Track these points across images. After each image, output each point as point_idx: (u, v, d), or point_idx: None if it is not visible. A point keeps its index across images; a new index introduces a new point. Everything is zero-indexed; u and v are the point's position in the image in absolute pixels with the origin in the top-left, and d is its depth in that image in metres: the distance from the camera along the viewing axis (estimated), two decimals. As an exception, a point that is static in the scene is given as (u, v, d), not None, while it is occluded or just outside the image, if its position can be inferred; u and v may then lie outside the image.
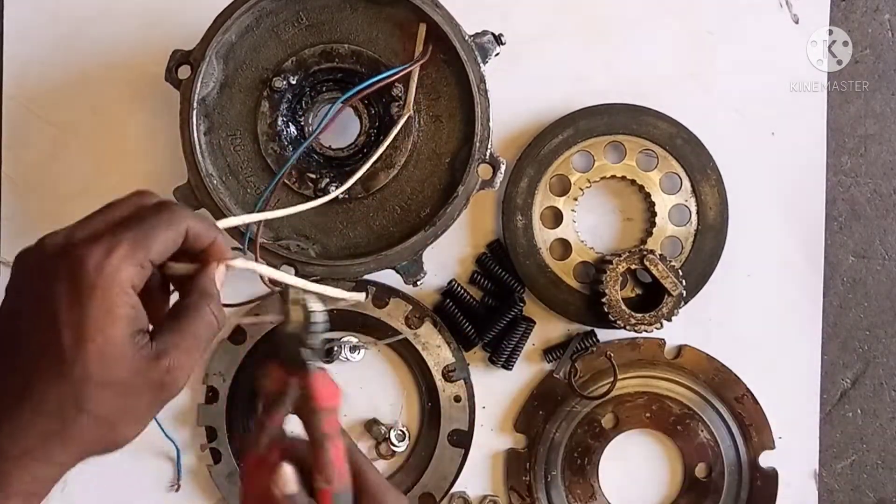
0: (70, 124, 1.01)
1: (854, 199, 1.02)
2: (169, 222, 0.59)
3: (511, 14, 0.99)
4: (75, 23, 1.00)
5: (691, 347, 1.00)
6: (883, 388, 1.03)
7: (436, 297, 1.00)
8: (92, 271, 0.55)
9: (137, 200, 0.61)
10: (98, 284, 0.55)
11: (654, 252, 0.93)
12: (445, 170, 0.90)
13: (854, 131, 1.02)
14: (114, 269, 0.55)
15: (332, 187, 0.89)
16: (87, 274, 0.55)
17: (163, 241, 0.58)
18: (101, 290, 0.55)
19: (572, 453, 0.99)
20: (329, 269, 0.88)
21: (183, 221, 0.60)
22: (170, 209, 0.60)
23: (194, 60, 0.87)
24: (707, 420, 0.99)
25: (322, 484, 0.63)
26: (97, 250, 0.56)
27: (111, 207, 0.61)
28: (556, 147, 0.97)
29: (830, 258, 1.02)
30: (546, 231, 0.98)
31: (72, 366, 0.55)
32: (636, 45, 1.01)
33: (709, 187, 0.98)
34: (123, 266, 0.56)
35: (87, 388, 0.56)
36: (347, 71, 0.90)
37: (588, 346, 0.99)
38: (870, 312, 1.03)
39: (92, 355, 0.55)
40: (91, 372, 0.55)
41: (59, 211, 1.00)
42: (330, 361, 0.99)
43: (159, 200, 0.62)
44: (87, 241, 0.57)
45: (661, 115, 0.97)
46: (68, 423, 0.56)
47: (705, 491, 1.00)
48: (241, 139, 0.90)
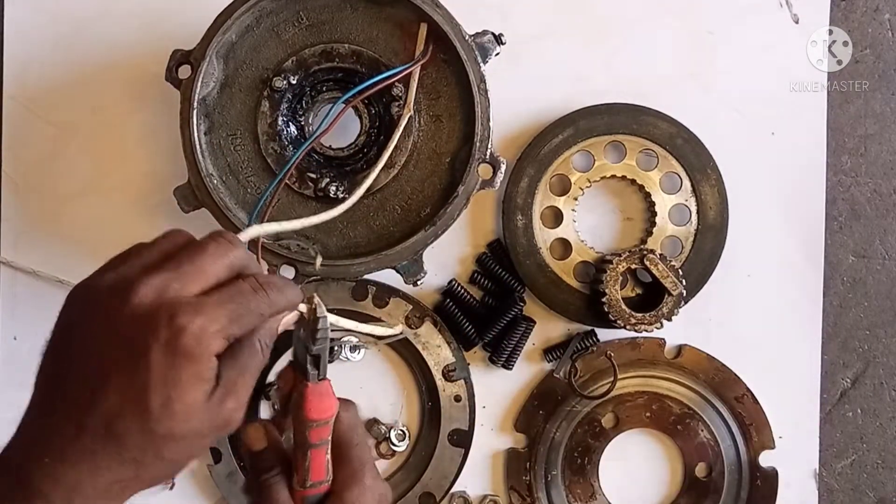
0: (70, 124, 1.01)
1: (854, 198, 1.02)
2: (261, 309, 0.60)
3: (511, 14, 1.00)
4: (75, 23, 1.00)
5: (691, 347, 1.00)
6: (883, 387, 1.03)
7: (436, 296, 1.00)
8: (192, 342, 0.56)
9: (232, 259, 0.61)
10: (194, 354, 0.57)
11: (654, 252, 0.93)
12: (446, 169, 0.90)
13: (854, 131, 1.02)
14: (209, 341, 0.57)
15: (333, 187, 0.89)
16: (186, 343, 0.56)
17: (252, 323, 0.60)
18: (195, 359, 0.57)
19: (572, 453, 0.99)
20: (329, 268, 0.88)
21: (272, 309, 0.61)
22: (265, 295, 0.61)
23: (194, 60, 0.86)
24: (707, 420, 0.99)
25: (296, 486, 0.68)
26: (198, 321, 0.57)
27: (200, 254, 0.60)
28: (557, 147, 0.97)
29: (830, 258, 1.02)
30: (546, 231, 0.98)
31: (157, 423, 0.57)
32: (636, 45, 1.01)
33: (709, 187, 0.98)
34: (216, 339, 0.58)
35: (168, 443, 0.58)
36: (348, 71, 0.90)
37: (588, 346, 0.99)
38: (870, 312, 1.03)
39: (178, 416, 0.57)
40: (175, 430, 0.57)
41: (60, 211, 1.01)
42: (330, 361, 0.99)
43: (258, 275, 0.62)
44: (186, 307, 0.57)
45: (662, 114, 0.97)
46: (145, 469, 0.59)
47: (705, 490, 1.00)
48: (241, 139, 0.90)
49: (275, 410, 0.98)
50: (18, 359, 1.00)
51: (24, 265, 1.00)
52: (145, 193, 1.00)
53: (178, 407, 0.57)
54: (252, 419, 0.99)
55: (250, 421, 0.69)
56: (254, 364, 0.62)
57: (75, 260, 1.00)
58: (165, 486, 1.00)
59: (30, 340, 0.99)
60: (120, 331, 0.58)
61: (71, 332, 0.61)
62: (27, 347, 0.99)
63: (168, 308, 0.57)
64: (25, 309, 1.00)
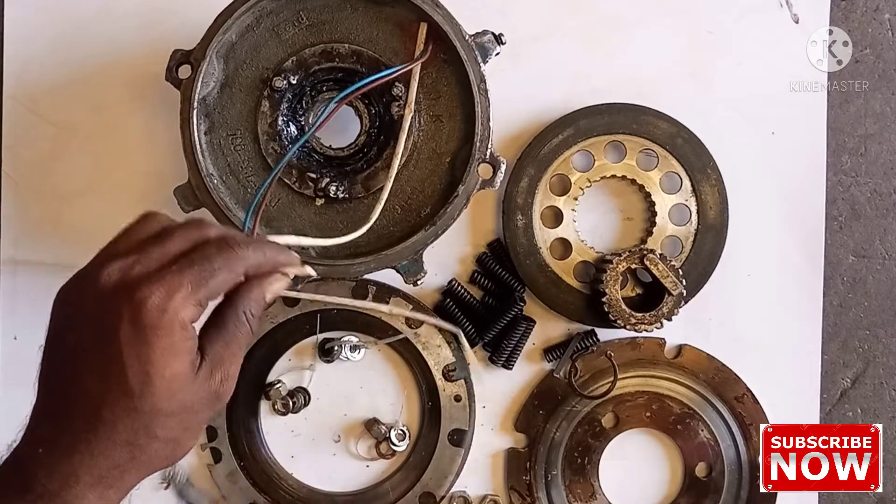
0: (70, 124, 1.01)
1: (854, 198, 1.02)
2: (229, 266, 0.60)
3: (511, 14, 1.00)
4: (76, 22, 1.00)
5: (691, 347, 1.00)
6: (883, 387, 1.03)
7: (436, 296, 1.00)
8: (155, 313, 0.56)
9: (196, 234, 0.62)
10: (161, 325, 0.56)
11: (654, 251, 0.93)
12: (446, 169, 0.90)
13: (854, 131, 1.02)
14: (175, 310, 0.57)
15: (333, 187, 0.89)
16: (149, 315, 0.56)
17: (223, 283, 0.60)
18: (163, 331, 0.57)
19: (573, 453, 0.99)
20: (329, 268, 0.88)
21: (242, 264, 0.61)
22: (230, 250, 0.61)
23: (195, 60, 0.86)
24: (707, 419, 0.99)
25: None
26: (158, 291, 0.57)
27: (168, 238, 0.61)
28: (557, 146, 0.97)
29: (830, 258, 1.02)
30: (546, 230, 0.98)
31: (140, 400, 0.57)
32: (637, 45, 1.01)
33: (709, 187, 0.98)
34: (184, 307, 0.57)
35: (157, 419, 0.58)
36: (348, 70, 0.90)
37: (588, 346, 0.99)
38: (870, 312, 1.03)
39: (160, 390, 0.57)
40: (160, 405, 0.58)
41: (60, 210, 1.01)
42: (330, 361, 0.99)
43: (219, 236, 0.62)
44: (146, 279, 0.57)
45: (662, 114, 0.97)
46: (140, 450, 0.59)
47: (705, 490, 1.00)
48: (241, 139, 0.90)
49: (275, 410, 0.98)
50: (19, 358, 1.00)
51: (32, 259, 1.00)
52: (145, 193, 1.00)
53: (158, 382, 0.57)
54: (252, 420, 0.99)
55: None
56: (240, 334, 0.62)
57: (75, 259, 1.00)
58: (162, 485, 1.00)
59: (30, 340, 0.99)
60: (89, 316, 0.59)
61: (54, 328, 0.62)
62: (27, 347, 0.99)
63: (129, 285, 0.57)
64: (26, 308, 1.00)
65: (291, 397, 0.98)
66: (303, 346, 1.00)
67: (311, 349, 1.00)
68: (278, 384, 0.99)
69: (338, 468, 1.01)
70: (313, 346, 1.00)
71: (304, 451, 1.01)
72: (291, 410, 0.98)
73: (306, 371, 1.01)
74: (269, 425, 1.01)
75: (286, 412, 0.98)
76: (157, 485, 1.00)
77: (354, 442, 1.01)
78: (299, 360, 1.01)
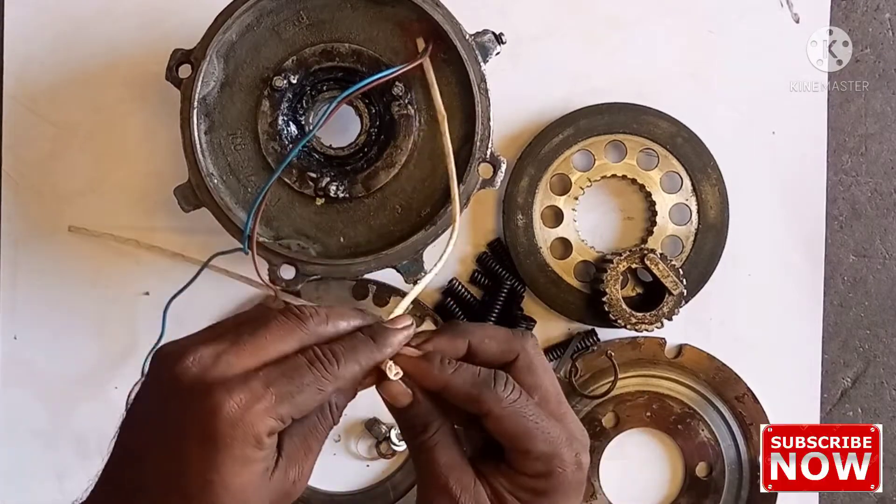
0: (70, 123, 1.01)
1: (854, 198, 1.02)
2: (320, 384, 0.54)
3: (512, 13, 1.00)
4: (76, 22, 1.00)
5: (692, 346, 1.00)
6: (883, 387, 1.03)
7: (436, 296, 1.00)
8: (226, 424, 0.50)
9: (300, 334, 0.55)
10: (234, 436, 0.50)
11: (654, 251, 0.93)
12: (446, 169, 0.90)
13: (854, 130, 1.02)
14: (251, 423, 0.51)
15: (333, 187, 0.89)
16: (220, 425, 0.50)
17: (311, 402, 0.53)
18: (236, 442, 0.51)
19: (573, 452, 0.99)
20: (329, 268, 0.88)
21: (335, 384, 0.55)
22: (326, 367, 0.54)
23: (195, 59, 0.86)
24: (708, 419, 0.99)
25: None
26: (235, 399, 0.51)
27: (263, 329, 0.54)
28: (557, 146, 0.97)
29: (831, 257, 1.02)
30: (547, 230, 0.98)
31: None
32: (637, 45, 1.01)
33: (709, 186, 0.98)
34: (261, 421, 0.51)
35: None
36: (348, 70, 0.89)
37: (588, 346, 0.99)
38: (870, 311, 1.03)
39: (222, 500, 0.51)
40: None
41: (60, 210, 1.01)
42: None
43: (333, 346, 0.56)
44: (226, 384, 0.51)
45: (662, 114, 0.97)
46: None
47: (706, 490, 1.00)
48: (241, 138, 0.90)
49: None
50: (19, 358, 1.00)
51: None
52: (146, 192, 1.00)
53: (220, 491, 0.51)
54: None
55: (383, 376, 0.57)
56: (322, 428, 0.56)
57: (76, 259, 1.00)
58: None
59: (30, 339, 0.99)
60: (163, 405, 0.53)
61: (133, 401, 0.57)
62: (27, 346, 0.99)
63: (207, 384, 0.51)
64: (26, 308, 1.00)
65: (292, 397, 0.98)
66: (303, 345, 1.00)
67: (312, 349, 1.00)
68: (278, 384, 0.99)
69: (338, 468, 1.01)
70: (313, 346, 1.00)
71: (304, 450, 1.01)
72: None
73: (306, 371, 1.00)
74: (269, 425, 1.01)
75: (286, 412, 0.98)
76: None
77: (355, 442, 1.01)
78: (299, 359, 1.01)
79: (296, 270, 0.88)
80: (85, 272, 1.00)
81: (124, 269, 1.00)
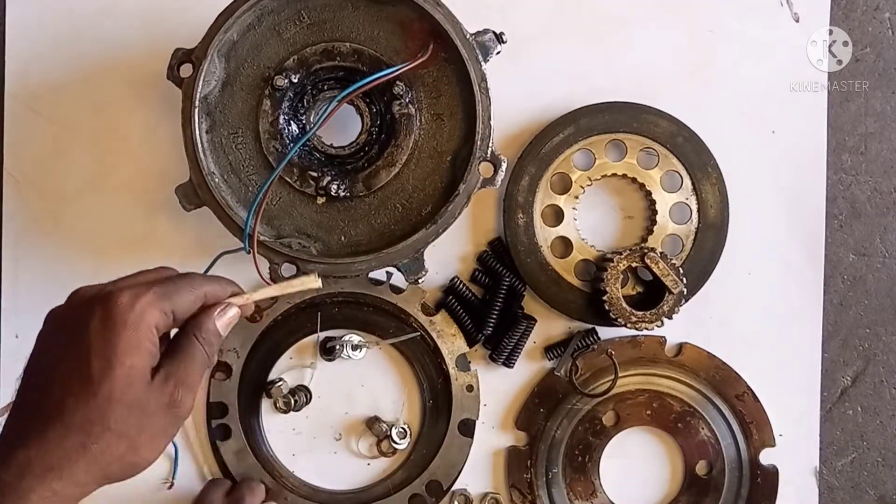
0: (72, 122, 1.01)
1: (854, 197, 1.02)
2: (191, 286, 0.69)
3: (512, 13, 1.00)
4: (77, 21, 1.00)
5: (692, 345, 1.01)
6: (883, 385, 1.03)
7: (437, 294, 1.01)
8: (123, 309, 0.64)
9: (164, 271, 0.72)
10: (128, 321, 0.64)
11: (654, 250, 0.93)
12: (447, 168, 0.90)
13: (854, 129, 1.02)
14: (142, 310, 0.64)
15: (334, 186, 0.89)
16: (118, 311, 0.64)
17: (185, 298, 0.68)
18: (130, 326, 0.64)
19: (573, 451, 1.00)
20: (330, 266, 0.88)
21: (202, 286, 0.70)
22: (191, 276, 0.71)
23: (196, 59, 0.87)
24: (708, 418, 0.99)
25: None
26: (127, 294, 0.65)
27: (139, 273, 0.71)
28: (557, 145, 0.97)
29: (831, 256, 1.02)
30: (547, 229, 0.98)
31: (98, 386, 0.62)
32: (637, 44, 1.01)
33: (709, 185, 0.98)
34: (150, 309, 0.65)
35: (111, 407, 0.63)
36: (349, 69, 0.90)
37: (589, 344, 0.99)
38: (870, 310, 1.03)
39: (118, 379, 0.63)
40: (116, 393, 0.63)
41: (61, 209, 1.01)
42: (331, 359, 0.99)
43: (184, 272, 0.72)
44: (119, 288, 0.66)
45: (662, 113, 0.97)
46: (93, 439, 0.63)
47: (706, 488, 1.00)
48: (242, 137, 0.90)
49: (276, 408, 0.98)
50: (20, 356, 1.00)
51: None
52: (147, 191, 1.00)
53: (118, 371, 0.63)
54: (254, 418, 0.99)
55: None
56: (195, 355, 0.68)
57: (77, 258, 1.01)
58: (164, 486, 1.00)
59: (31, 338, 0.99)
60: (67, 320, 0.67)
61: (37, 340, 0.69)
62: (29, 345, 0.99)
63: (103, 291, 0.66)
64: (27, 306, 1.00)
65: (293, 395, 0.98)
66: (304, 344, 1.01)
67: (312, 347, 1.00)
68: (279, 382, 0.99)
69: (339, 466, 1.01)
70: (314, 345, 1.00)
71: (305, 449, 1.01)
72: (293, 408, 0.98)
73: (307, 369, 1.01)
74: (270, 423, 1.01)
75: (287, 410, 0.98)
76: (161, 484, 1.00)
77: (355, 440, 1.01)
78: (300, 358, 1.01)
79: (297, 269, 0.88)
80: (86, 269, 1.00)
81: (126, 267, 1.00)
